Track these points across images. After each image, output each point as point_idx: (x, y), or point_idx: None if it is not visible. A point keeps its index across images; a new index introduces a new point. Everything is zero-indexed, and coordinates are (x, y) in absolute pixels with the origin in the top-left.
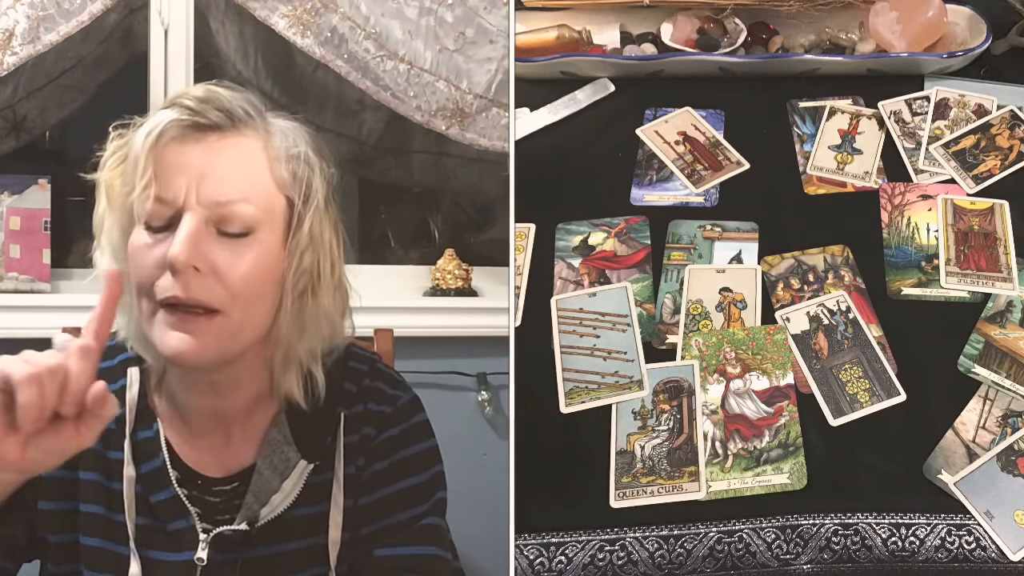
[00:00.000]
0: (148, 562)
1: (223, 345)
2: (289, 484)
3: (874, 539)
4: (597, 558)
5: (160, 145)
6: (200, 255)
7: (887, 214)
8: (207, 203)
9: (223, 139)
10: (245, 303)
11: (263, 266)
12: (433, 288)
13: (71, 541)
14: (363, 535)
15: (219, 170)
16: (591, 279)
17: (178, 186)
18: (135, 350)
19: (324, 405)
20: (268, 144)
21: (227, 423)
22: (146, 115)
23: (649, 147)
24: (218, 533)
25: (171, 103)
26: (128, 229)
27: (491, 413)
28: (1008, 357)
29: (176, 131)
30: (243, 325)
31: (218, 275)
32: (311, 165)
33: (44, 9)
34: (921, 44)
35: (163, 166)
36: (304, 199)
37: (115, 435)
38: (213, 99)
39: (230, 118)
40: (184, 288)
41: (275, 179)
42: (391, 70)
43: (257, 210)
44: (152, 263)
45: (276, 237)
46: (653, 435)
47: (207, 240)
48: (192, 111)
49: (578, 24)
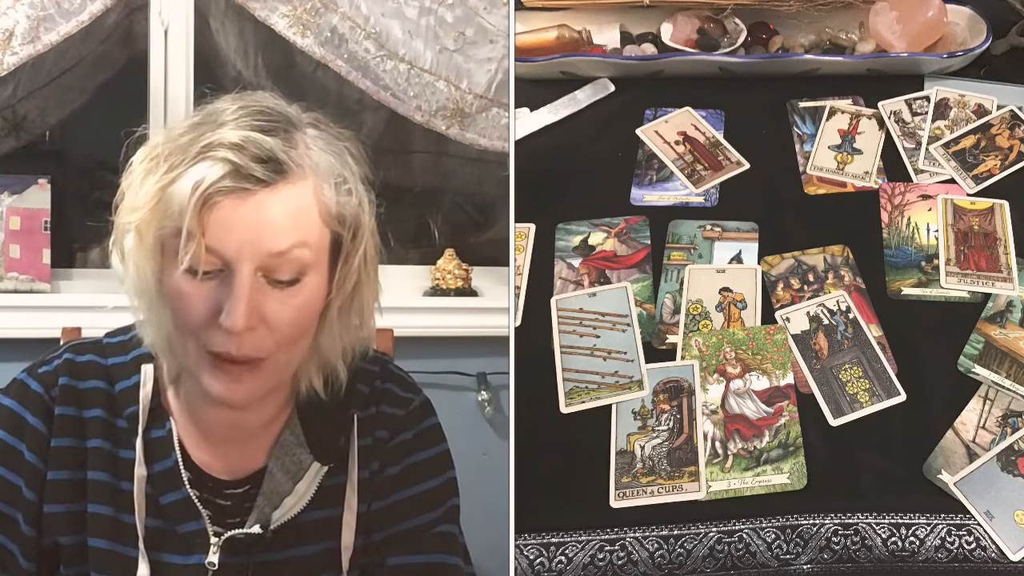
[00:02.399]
0: (157, 565)
1: (268, 384)
2: (302, 487)
3: (874, 539)
4: (597, 558)
5: (208, 205)
6: (255, 315)
7: (887, 214)
8: (263, 255)
9: (273, 193)
10: (289, 345)
11: (310, 309)
12: (433, 288)
13: (80, 543)
14: (376, 541)
15: (272, 224)
16: (591, 279)
17: (229, 242)
18: (158, 354)
19: (337, 406)
20: (317, 186)
21: (248, 435)
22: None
23: (649, 147)
24: (230, 536)
25: (206, 152)
26: (159, 260)
27: (491, 413)
28: (1008, 357)
29: (222, 193)
30: (287, 364)
31: (269, 327)
32: (360, 199)
33: (44, 9)
34: (921, 44)
35: (212, 222)
36: (353, 235)
37: (126, 433)
38: (252, 148)
39: (276, 171)
40: (238, 347)
41: (325, 221)
42: (391, 70)
43: (311, 253)
44: (201, 313)
45: (323, 275)
46: (653, 435)
47: (259, 295)
48: (235, 167)
49: (578, 24)
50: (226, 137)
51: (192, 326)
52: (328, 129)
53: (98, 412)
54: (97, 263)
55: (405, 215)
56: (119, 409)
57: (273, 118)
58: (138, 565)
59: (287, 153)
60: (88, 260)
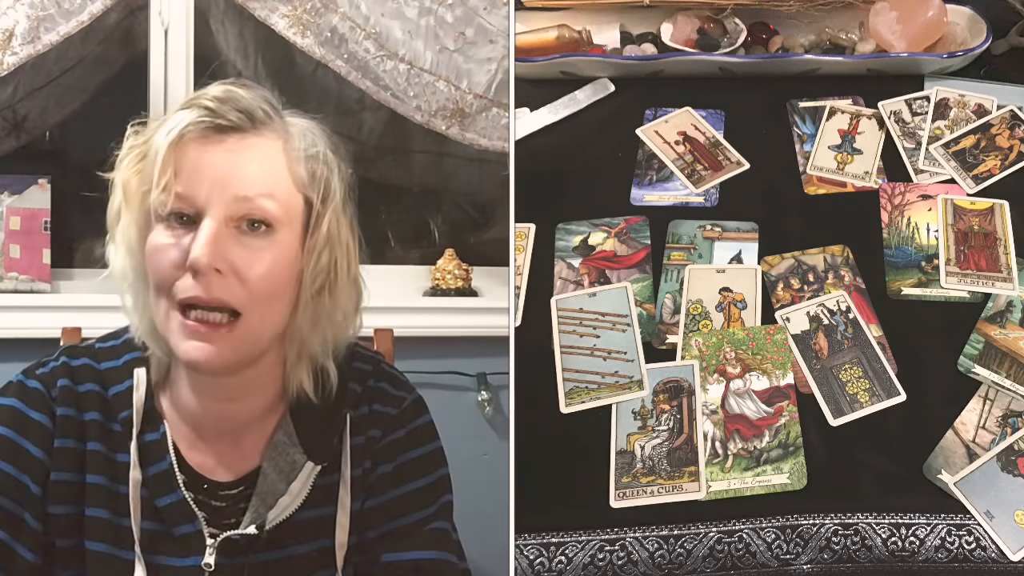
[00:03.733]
0: (154, 567)
1: (242, 349)
2: (296, 486)
3: (874, 539)
4: (597, 558)
5: (180, 145)
6: (221, 256)
7: (887, 214)
8: (229, 200)
9: (243, 140)
10: (264, 303)
11: (282, 265)
12: (433, 288)
13: (77, 546)
14: (370, 539)
15: (240, 169)
16: (591, 279)
17: (199, 185)
18: (148, 347)
19: (330, 406)
20: (287, 144)
21: (239, 429)
22: (163, 114)
23: (649, 147)
24: (226, 538)
25: (190, 104)
26: (145, 228)
27: (491, 413)
28: (1008, 357)
29: (196, 132)
30: (261, 326)
31: (238, 275)
32: (329, 165)
33: (44, 9)
34: (921, 44)
35: (184, 165)
36: (322, 199)
37: (121, 437)
38: (232, 99)
39: (250, 119)
40: (205, 289)
41: (294, 178)
42: (391, 70)
43: (278, 206)
44: (172, 263)
45: (294, 236)
46: (653, 435)
47: (228, 241)
48: (212, 112)
49: (578, 24)
50: (208, 91)
51: (164, 277)
52: (307, 115)
53: (95, 415)
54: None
55: (405, 215)
56: (113, 413)
57: (255, 90)
58: (135, 568)
59: (263, 110)
60: (88, 260)
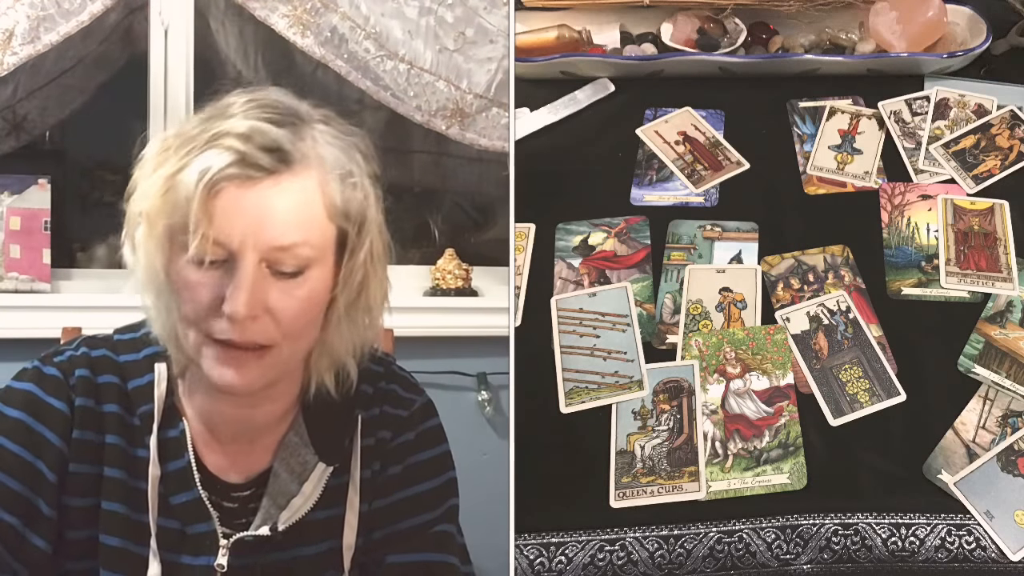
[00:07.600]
0: (168, 565)
1: (272, 374)
2: (309, 487)
3: (874, 539)
4: (597, 558)
5: (213, 192)
6: (258, 304)
7: (887, 214)
8: (264, 248)
9: (278, 183)
10: (295, 336)
11: (315, 302)
12: (433, 288)
13: (90, 538)
14: (376, 540)
15: (277, 215)
16: (591, 279)
17: (233, 232)
18: (166, 345)
19: (341, 407)
20: (323, 179)
21: (254, 432)
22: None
23: (649, 147)
24: (239, 538)
25: (215, 140)
26: (168, 249)
27: (491, 413)
28: (1008, 357)
29: (228, 180)
30: (292, 354)
31: (272, 316)
32: (366, 194)
33: (44, 9)
34: (921, 44)
35: (216, 210)
36: (358, 230)
37: (139, 432)
38: (258, 137)
39: (282, 161)
40: (240, 334)
41: (329, 212)
42: (391, 70)
43: (314, 250)
44: (205, 301)
45: (328, 269)
46: (653, 435)
47: (263, 285)
48: (241, 155)
49: (578, 24)
50: (234, 127)
51: (196, 315)
52: (337, 125)
53: (114, 407)
54: (97, 263)
55: (405, 215)
56: (133, 407)
57: (281, 111)
58: (149, 564)
59: (294, 144)
60: (88, 260)
